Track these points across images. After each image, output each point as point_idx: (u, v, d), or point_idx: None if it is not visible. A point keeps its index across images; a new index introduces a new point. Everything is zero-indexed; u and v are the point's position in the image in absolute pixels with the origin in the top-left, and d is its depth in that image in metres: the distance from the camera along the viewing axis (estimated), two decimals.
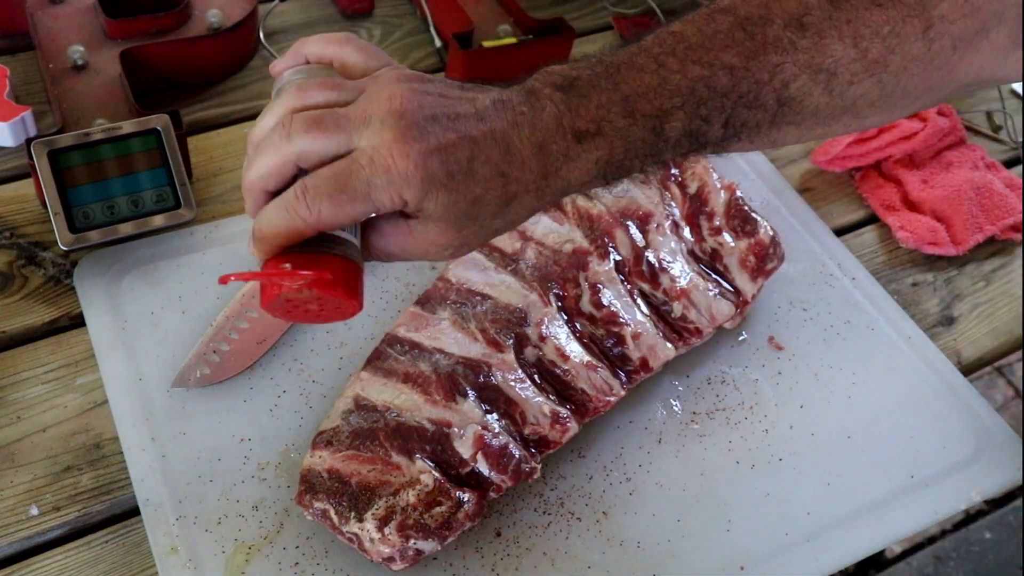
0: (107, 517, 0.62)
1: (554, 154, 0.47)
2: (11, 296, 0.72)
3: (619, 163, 0.48)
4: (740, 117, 0.49)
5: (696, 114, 0.48)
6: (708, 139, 0.49)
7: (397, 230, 0.49)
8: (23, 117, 0.79)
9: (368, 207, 0.45)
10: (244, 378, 0.68)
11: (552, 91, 0.48)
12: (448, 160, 0.45)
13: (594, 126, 0.47)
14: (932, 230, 0.86)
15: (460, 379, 0.64)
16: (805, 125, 0.51)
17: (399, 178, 0.45)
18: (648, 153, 0.49)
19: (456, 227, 0.47)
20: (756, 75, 0.48)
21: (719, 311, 0.72)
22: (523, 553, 0.62)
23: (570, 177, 0.48)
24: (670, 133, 0.48)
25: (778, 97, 0.49)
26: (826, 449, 0.70)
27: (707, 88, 0.48)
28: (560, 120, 0.47)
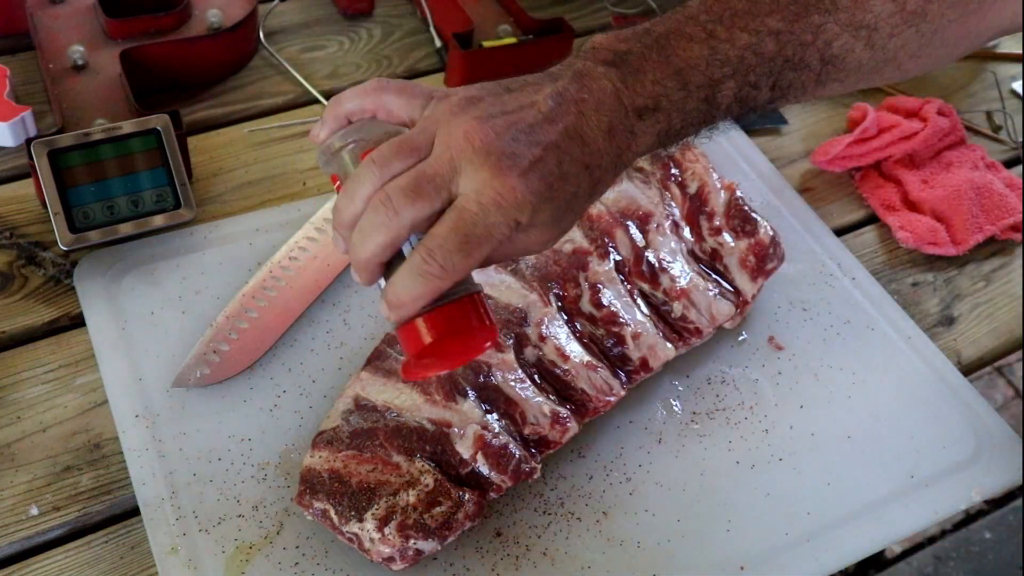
0: (107, 517, 0.62)
1: (621, 134, 0.49)
2: (11, 296, 0.72)
3: (676, 131, 0.51)
4: (787, 79, 0.51)
5: (745, 81, 0.50)
6: (757, 102, 0.52)
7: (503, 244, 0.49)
8: (23, 117, 0.79)
9: (493, 245, 0.47)
10: (244, 378, 0.68)
11: (606, 69, 0.49)
12: (544, 173, 0.47)
13: (652, 101, 0.49)
14: (932, 230, 0.86)
15: (460, 379, 0.64)
16: (849, 81, 0.53)
17: (512, 207, 0.46)
18: (702, 120, 0.51)
19: (556, 224, 0.49)
20: (801, 37, 0.50)
21: (719, 311, 0.72)
22: (523, 553, 0.62)
23: (637, 150, 0.51)
24: (722, 101, 0.50)
25: (822, 56, 0.51)
26: (826, 449, 0.70)
27: (755, 55, 0.50)
28: (619, 98, 0.49)
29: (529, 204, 0.46)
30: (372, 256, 0.48)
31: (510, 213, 0.46)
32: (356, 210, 0.48)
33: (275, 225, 0.78)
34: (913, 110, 0.94)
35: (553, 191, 0.47)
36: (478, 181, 0.46)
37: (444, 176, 0.47)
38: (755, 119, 0.94)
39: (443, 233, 0.46)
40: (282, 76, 0.93)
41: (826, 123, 0.97)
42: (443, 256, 0.46)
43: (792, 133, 0.95)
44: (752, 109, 0.52)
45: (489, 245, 0.47)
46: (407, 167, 0.48)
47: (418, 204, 0.46)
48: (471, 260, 0.46)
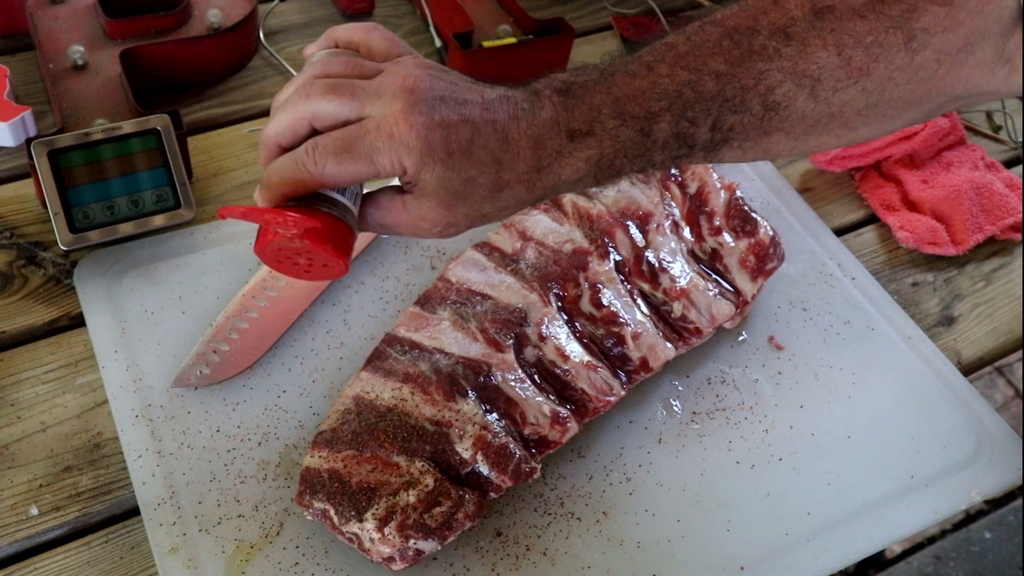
0: (107, 517, 0.62)
1: (548, 150, 0.50)
2: (11, 296, 0.72)
3: (609, 162, 0.51)
4: (727, 121, 0.51)
5: (683, 116, 0.50)
6: (696, 141, 0.51)
7: (392, 204, 0.52)
8: (23, 117, 0.79)
9: (369, 169, 0.48)
10: (244, 378, 0.68)
11: (552, 93, 0.51)
12: (449, 137, 0.48)
13: (586, 126, 0.50)
14: (932, 230, 0.86)
15: (460, 379, 0.64)
16: (795, 133, 0.53)
17: (401, 145, 0.48)
18: (637, 153, 0.51)
19: (446, 205, 0.50)
20: (742, 80, 0.50)
21: (719, 311, 0.72)
22: (523, 553, 0.62)
23: (562, 173, 0.51)
24: (658, 134, 0.50)
25: (764, 102, 0.50)
26: (826, 449, 0.70)
27: (693, 91, 0.50)
28: (556, 119, 0.50)
29: (418, 151, 0.48)
30: (273, 134, 0.51)
31: (397, 149, 0.48)
32: (286, 94, 0.52)
33: None
34: None
35: (450, 157, 0.48)
36: (388, 109, 0.48)
37: (365, 92, 0.49)
38: None
39: (333, 135, 0.49)
40: (282, 76, 0.93)
41: None
42: (320, 153, 0.48)
43: None
44: (692, 148, 0.52)
45: (365, 166, 0.48)
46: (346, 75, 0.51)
47: (328, 98, 0.49)
48: (342, 170, 0.48)
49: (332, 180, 0.49)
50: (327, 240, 0.50)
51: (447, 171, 0.49)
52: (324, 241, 0.50)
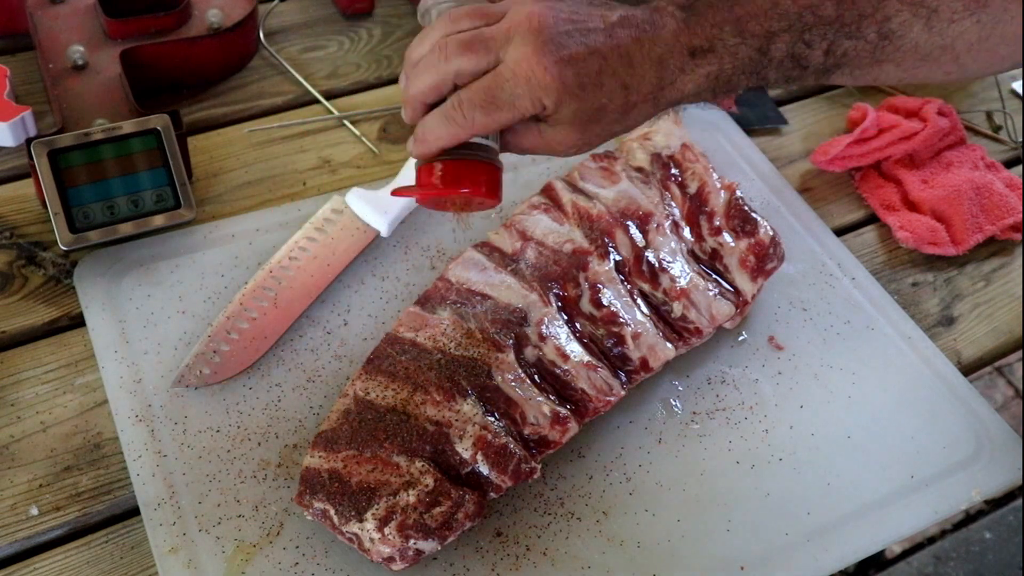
0: (107, 517, 0.62)
1: (671, 68, 0.53)
2: (11, 296, 0.72)
3: (727, 78, 0.54)
4: (841, 46, 0.53)
5: (800, 38, 0.52)
6: (810, 63, 0.53)
7: (529, 131, 0.55)
8: (23, 117, 0.79)
9: (514, 114, 0.52)
10: (244, 378, 0.68)
11: (675, 9, 0.53)
12: (580, 72, 0.51)
13: (707, 43, 0.52)
14: (932, 230, 0.86)
15: (460, 379, 0.64)
16: (905, 64, 0.54)
17: (539, 87, 0.51)
18: (754, 70, 0.53)
19: (581, 130, 0.54)
20: (861, 7, 0.52)
21: (719, 311, 0.72)
22: (523, 553, 0.62)
23: (684, 88, 0.54)
24: (775, 53, 0.53)
25: (879, 30, 0.52)
26: (826, 449, 0.70)
27: (813, 15, 0.52)
28: (678, 37, 0.53)
29: (555, 90, 0.51)
30: (418, 93, 0.54)
31: (535, 91, 0.51)
32: (421, 52, 0.55)
33: (275, 225, 0.78)
34: (913, 110, 0.94)
35: (583, 91, 0.51)
36: (520, 54, 0.51)
37: (497, 41, 0.52)
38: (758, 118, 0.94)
39: (475, 88, 0.52)
40: (282, 76, 0.93)
41: (826, 123, 0.97)
42: (468, 107, 0.52)
43: (792, 133, 0.95)
44: (805, 70, 0.54)
45: (509, 113, 0.52)
46: (473, 27, 0.54)
47: (466, 56, 0.52)
48: (490, 119, 0.52)
49: (482, 130, 0.53)
50: (481, 183, 0.55)
51: (581, 103, 0.52)
52: (478, 185, 0.55)
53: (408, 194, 0.57)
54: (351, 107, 0.90)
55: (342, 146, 0.87)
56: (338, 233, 0.76)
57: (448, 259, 0.77)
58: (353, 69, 0.95)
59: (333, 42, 0.97)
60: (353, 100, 0.91)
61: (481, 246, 0.73)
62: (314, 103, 0.91)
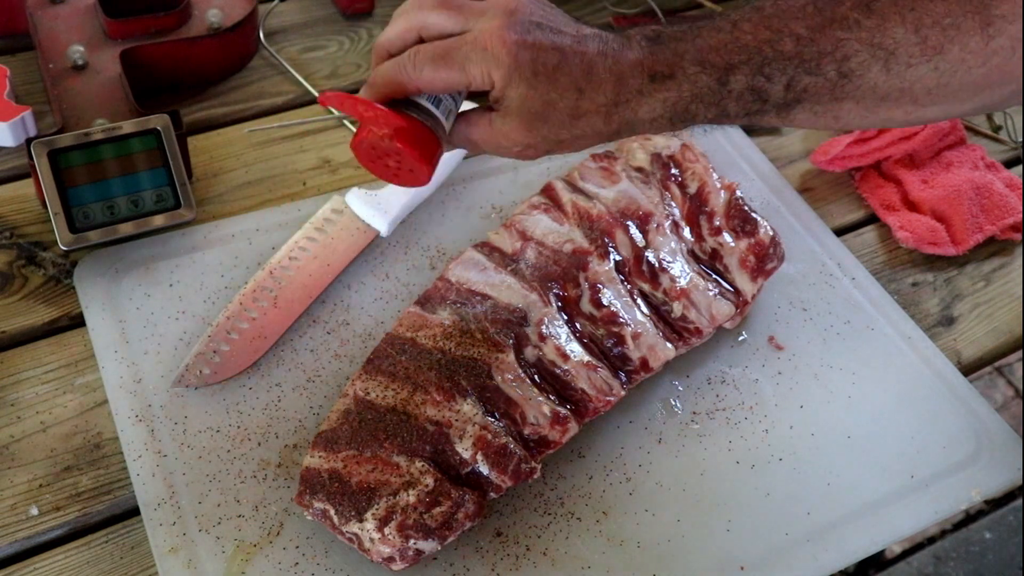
0: (107, 517, 0.62)
1: (629, 87, 0.54)
2: (11, 296, 0.72)
3: (685, 107, 0.54)
4: (801, 81, 0.53)
5: (760, 71, 0.53)
6: (770, 97, 0.54)
7: (480, 120, 0.56)
8: (23, 117, 0.79)
9: (461, 77, 0.53)
10: (244, 378, 0.68)
11: (641, 39, 0.55)
12: (536, 59, 0.52)
13: (668, 69, 0.54)
14: (932, 230, 0.86)
15: (460, 379, 0.64)
16: (865, 104, 0.55)
17: (492, 58, 0.52)
18: (712, 101, 0.54)
19: (527, 125, 0.54)
20: (820, 45, 0.53)
21: (719, 311, 0.72)
22: (523, 553, 0.62)
23: (639, 111, 0.54)
24: (734, 85, 0.53)
25: (839, 69, 0.53)
26: (826, 449, 0.70)
27: (772, 49, 0.53)
28: (641, 61, 0.54)
29: (506, 67, 0.52)
30: (385, 40, 0.56)
31: (489, 62, 0.52)
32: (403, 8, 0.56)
33: (275, 225, 0.78)
34: None
35: (535, 78, 0.52)
36: (487, 26, 0.53)
37: (472, 11, 0.54)
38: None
39: (434, 44, 0.54)
40: (282, 76, 0.93)
41: None
42: (420, 59, 0.53)
43: (792, 133, 0.95)
44: (765, 103, 0.54)
45: (457, 74, 0.53)
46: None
47: (438, 12, 0.54)
48: (436, 75, 0.53)
49: (427, 84, 0.54)
50: (414, 144, 0.54)
51: (530, 90, 0.53)
52: (411, 144, 0.54)
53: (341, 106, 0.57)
54: None
55: (342, 146, 0.87)
56: (338, 233, 0.76)
57: (448, 259, 0.77)
58: (353, 69, 0.95)
59: (333, 42, 0.97)
60: None
61: (481, 246, 0.73)
62: (314, 103, 0.91)
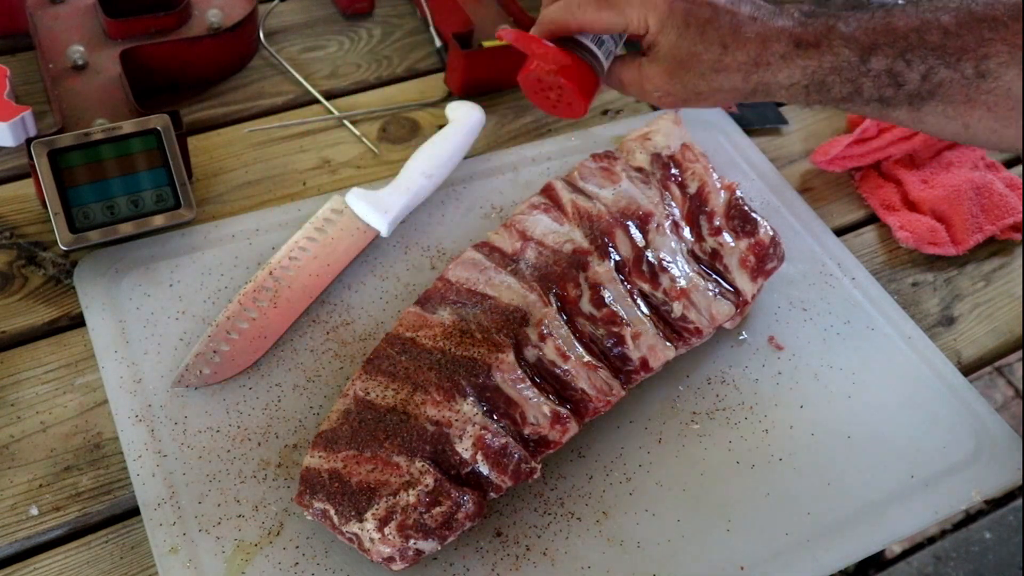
0: (107, 517, 0.62)
1: (772, 50, 0.57)
2: (11, 296, 0.72)
3: (822, 78, 0.57)
4: (938, 74, 0.55)
5: (901, 55, 0.55)
6: (906, 82, 0.56)
7: (632, 62, 0.61)
8: (23, 117, 0.79)
9: (620, 20, 0.58)
10: (244, 378, 0.68)
11: (795, 11, 0.58)
12: (689, 11, 0.57)
13: (814, 39, 0.57)
14: (932, 230, 0.86)
15: (460, 379, 0.64)
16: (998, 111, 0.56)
17: (650, 5, 0.57)
18: (850, 76, 0.57)
19: (670, 72, 0.59)
20: (964, 40, 0.54)
21: (719, 311, 0.72)
22: (523, 553, 0.62)
23: (778, 74, 0.58)
24: (874, 64, 0.56)
25: (977, 67, 0.54)
26: (826, 449, 0.70)
27: (918, 37, 0.55)
28: (790, 30, 0.57)
29: (662, 13, 0.57)
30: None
31: (646, 7, 0.57)
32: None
33: (275, 225, 0.78)
34: None
35: (686, 28, 0.57)
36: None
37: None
38: (758, 118, 0.94)
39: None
40: (282, 76, 0.93)
41: (826, 123, 0.97)
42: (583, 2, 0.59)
43: (792, 133, 0.95)
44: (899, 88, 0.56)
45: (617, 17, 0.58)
46: None
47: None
48: (598, 16, 0.58)
49: (590, 24, 0.59)
50: (574, 78, 0.60)
51: (679, 39, 0.57)
52: (573, 80, 0.60)
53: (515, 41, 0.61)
54: (351, 107, 0.90)
55: (342, 146, 0.87)
56: (338, 233, 0.76)
57: (448, 259, 0.77)
58: (353, 69, 0.95)
59: (333, 42, 0.97)
60: (353, 100, 0.91)
61: (481, 246, 0.73)
62: (314, 103, 0.91)
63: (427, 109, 0.91)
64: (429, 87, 0.94)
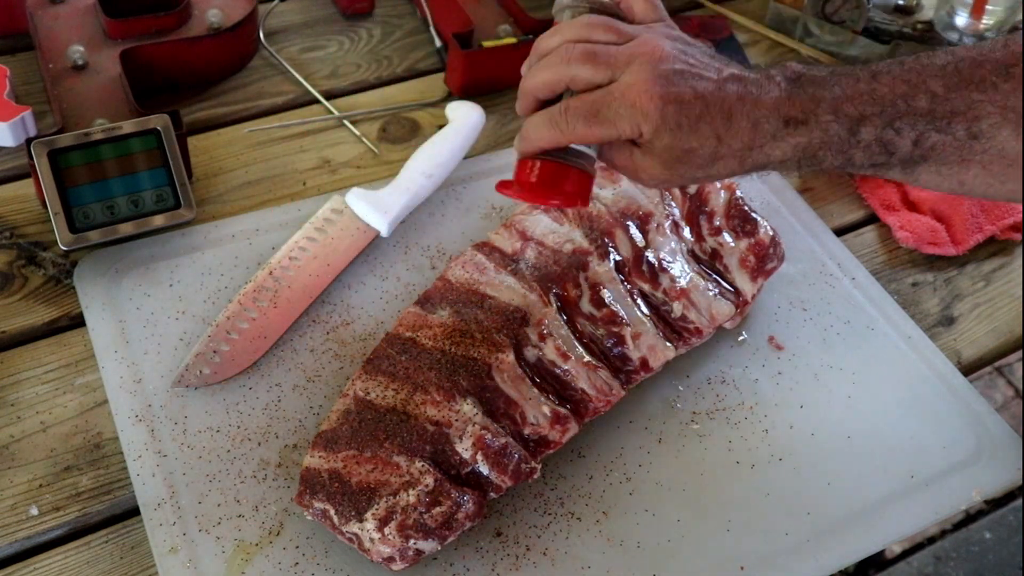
0: (107, 517, 0.62)
1: (764, 132, 0.56)
2: (11, 296, 0.72)
3: (813, 152, 0.56)
4: (929, 139, 0.54)
5: (890, 124, 0.54)
6: (897, 150, 0.55)
7: (623, 150, 0.58)
8: (23, 117, 0.79)
9: (612, 132, 0.56)
10: (244, 378, 0.68)
11: (781, 80, 0.56)
12: (681, 112, 0.55)
13: (803, 115, 0.55)
14: (932, 230, 0.86)
15: (460, 379, 0.64)
16: (992, 169, 0.55)
17: (641, 114, 0.55)
18: (840, 149, 0.56)
19: (666, 166, 0.57)
20: (953, 104, 0.54)
21: (719, 311, 0.72)
22: (523, 553, 0.62)
23: (771, 154, 0.56)
24: (863, 136, 0.55)
25: (968, 129, 0.54)
26: (826, 449, 0.70)
27: (906, 104, 0.54)
28: (778, 105, 0.55)
29: (655, 121, 0.55)
30: (534, 87, 0.59)
31: (637, 117, 0.55)
32: (548, 47, 0.59)
33: (275, 225, 0.78)
34: None
35: (680, 129, 0.55)
36: (634, 79, 0.55)
37: (619, 61, 0.56)
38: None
39: (583, 99, 0.56)
40: (282, 76, 0.93)
41: None
42: (572, 116, 0.56)
43: None
44: (891, 156, 0.55)
45: (609, 129, 0.56)
46: (602, 41, 0.57)
47: (587, 66, 0.56)
48: (589, 131, 0.56)
49: (580, 139, 0.57)
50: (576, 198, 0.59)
51: (674, 140, 0.55)
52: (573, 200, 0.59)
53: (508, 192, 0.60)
54: (351, 107, 0.90)
55: (342, 146, 0.87)
56: (338, 233, 0.76)
57: (448, 259, 0.77)
58: (353, 69, 0.95)
59: (333, 42, 0.97)
60: (353, 100, 0.92)
61: (481, 246, 0.73)
62: (314, 103, 0.91)
63: (427, 109, 0.91)
64: (429, 87, 0.94)
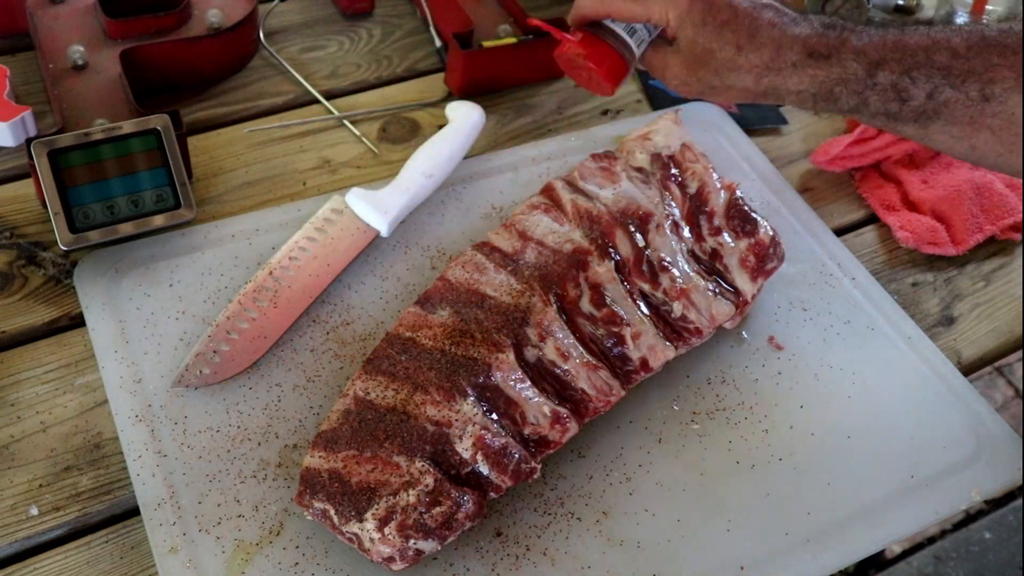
0: (107, 517, 0.62)
1: (785, 57, 0.60)
2: (11, 296, 0.72)
3: (830, 88, 0.60)
4: (943, 94, 0.56)
5: (907, 72, 0.57)
6: (910, 98, 0.57)
7: (659, 49, 0.66)
8: (23, 117, 0.79)
9: (644, 11, 0.64)
10: (244, 378, 0.68)
11: (817, 22, 0.60)
12: (709, 11, 0.61)
13: (826, 51, 0.59)
14: (932, 230, 0.86)
15: (460, 379, 0.64)
16: (1004, 134, 0.56)
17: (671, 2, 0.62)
18: (856, 89, 0.59)
19: (687, 64, 0.63)
20: (972, 64, 0.56)
21: (719, 311, 0.72)
22: (523, 553, 0.62)
23: (788, 80, 0.61)
24: (880, 78, 0.58)
25: (982, 91, 0.55)
26: (826, 449, 0.70)
27: (926, 56, 0.56)
28: (806, 40, 0.60)
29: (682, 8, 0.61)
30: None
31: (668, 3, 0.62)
32: None
33: (275, 225, 0.78)
34: None
35: (704, 26, 0.61)
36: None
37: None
38: (758, 118, 0.94)
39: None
40: (282, 76, 0.93)
41: (826, 123, 0.97)
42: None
43: (792, 133, 0.95)
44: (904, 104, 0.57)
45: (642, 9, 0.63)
46: None
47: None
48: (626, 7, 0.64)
49: (617, 13, 0.65)
50: (601, 63, 0.67)
51: (696, 36, 0.61)
52: (598, 63, 0.67)
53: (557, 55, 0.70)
54: (351, 107, 0.90)
55: (342, 146, 0.87)
56: (338, 233, 0.76)
57: (448, 259, 0.77)
58: (353, 69, 0.95)
59: (333, 42, 0.97)
60: (353, 100, 0.92)
61: (481, 246, 0.73)
62: (314, 103, 0.91)
63: (427, 109, 0.91)
64: (429, 87, 0.94)
